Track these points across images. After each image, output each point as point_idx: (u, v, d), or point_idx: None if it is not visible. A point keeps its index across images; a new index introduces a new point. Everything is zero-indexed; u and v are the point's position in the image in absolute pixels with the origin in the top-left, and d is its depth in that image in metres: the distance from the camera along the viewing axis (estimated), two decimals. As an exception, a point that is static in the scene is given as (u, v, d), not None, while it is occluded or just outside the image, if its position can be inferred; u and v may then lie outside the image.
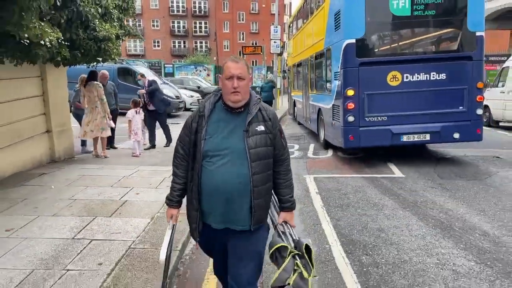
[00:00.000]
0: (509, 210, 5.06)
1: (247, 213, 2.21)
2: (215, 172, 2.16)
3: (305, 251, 2.18)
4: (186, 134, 2.31)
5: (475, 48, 7.28)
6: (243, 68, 2.18)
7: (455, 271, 3.50)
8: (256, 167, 2.17)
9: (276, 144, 2.28)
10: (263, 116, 2.26)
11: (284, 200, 2.37)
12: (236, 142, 2.17)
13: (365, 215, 4.98)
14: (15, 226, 4.17)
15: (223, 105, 2.25)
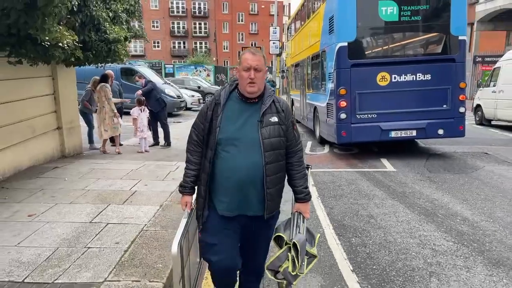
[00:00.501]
0: (490, 200, 5.48)
1: (261, 201, 2.26)
2: (228, 160, 2.21)
3: (293, 248, 2.27)
4: (201, 121, 2.34)
5: (458, 51, 7.75)
6: (260, 60, 2.23)
7: (434, 250, 3.92)
8: (269, 156, 2.22)
9: (288, 136, 2.33)
10: (277, 108, 2.30)
11: (298, 191, 2.41)
12: (250, 132, 2.22)
13: (356, 204, 5.40)
14: (36, 212, 4.58)
15: (238, 95, 2.31)
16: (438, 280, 3.32)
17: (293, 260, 2.24)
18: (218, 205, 2.29)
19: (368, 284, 3.28)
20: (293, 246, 2.26)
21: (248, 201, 2.25)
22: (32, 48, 5.08)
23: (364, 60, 7.87)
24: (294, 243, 2.25)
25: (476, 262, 3.64)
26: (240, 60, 2.28)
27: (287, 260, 2.26)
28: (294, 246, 2.25)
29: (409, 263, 3.64)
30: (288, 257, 2.26)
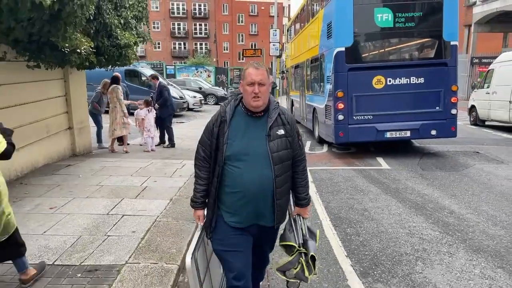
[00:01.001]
0: (477, 195, 5.88)
1: (271, 212, 2.32)
2: (238, 175, 2.24)
3: (310, 259, 2.38)
4: (208, 138, 2.36)
5: (450, 56, 8.17)
6: (263, 74, 2.26)
7: (421, 238, 4.32)
8: (279, 169, 2.26)
9: (294, 146, 2.37)
10: (282, 120, 2.33)
11: (300, 197, 2.49)
12: (259, 146, 2.24)
13: (352, 199, 5.79)
14: (56, 205, 4.97)
15: (243, 109, 2.33)
16: (423, 263, 3.72)
17: (307, 265, 2.35)
18: (229, 217, 2.33)
19: (360, 267, 3.68)
20: (311, 258, 2.36)
21: (259, 213, 2.30)
22: (50, 53, 5.48)
23: (360, 64, 8.27)
24: (313, 256, 2.36)
25: (459, 249, 4.03)
26: (244, 75, 2.29)
27: (299, 264, 2.36)
28: (312, 259, 2.37)
29: (398, 250, 4.03)
30: (301, 262, 2.35)
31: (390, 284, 3.37)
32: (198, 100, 20.23)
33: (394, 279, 3.46)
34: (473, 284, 3.33)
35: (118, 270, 3.38)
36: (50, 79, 7.28)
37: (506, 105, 12.13)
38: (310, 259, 2.35)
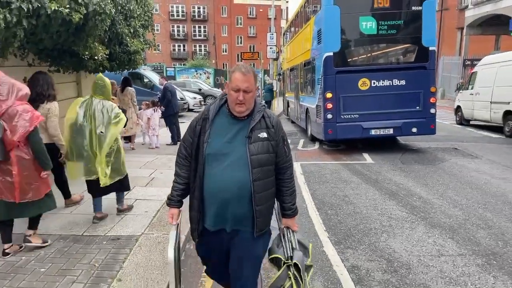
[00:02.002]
0: (446, 185, 6.65)
1: (249, 218, 2.24)
2: (214, 175, 2.19)
3: (294, 268, 2.29)
4: (190, 135, 2.33)
5: (428, 60, 8.96)
6: (250, 81, 2.20)
7: (389, 217, 5.09)
8: (257, 173, 2.18)
9: (279, 151, 2.30)
10: (266, 123, 2.27)
11: (286, 207, 2.40)
12: (238, 148, 2.19)
13: (335, 188, 6.57)
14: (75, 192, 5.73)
15: (227, 111, 2.29)
16: (387, 235, 4.50)
17: (295, 278, 2.25)
18: (204, 218, 2.31)
19: (335, 238, 4.46)
20: (294, 266, 2.28)
21: (231, 217, 2.23)
22: (70, 59, 6.24)
23: (347, 68, 9.06)
24: (296, 263, 2.27)
25: (419, 225, 4.81)
26: (231, 78, 2.24)
27: (288, 278, 2.26)
28: (295, 267, 2.28)
29: (368, 226, 4.81)
30: (289, 275, 2.26)
31: (357, 249, 4.15)
32: (198, 101, 21.01)
33: (361, 246, 4.23)
34: (425, 249, 4.11)
35: (136, 239, 4.15)
36: (66, 82, 8.03)
37: (487, 106, 12.92)
38: (294, 268, 2.27)
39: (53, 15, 4.24)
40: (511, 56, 12.30)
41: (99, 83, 4.55)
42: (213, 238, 2.32)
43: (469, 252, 4.03)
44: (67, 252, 3.82)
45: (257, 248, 2.34)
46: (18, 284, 3.24)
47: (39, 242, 3.92)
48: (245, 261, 2.33)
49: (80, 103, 4.53)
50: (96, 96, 4.54)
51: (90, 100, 4.51)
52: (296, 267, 2.27)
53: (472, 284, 3.40)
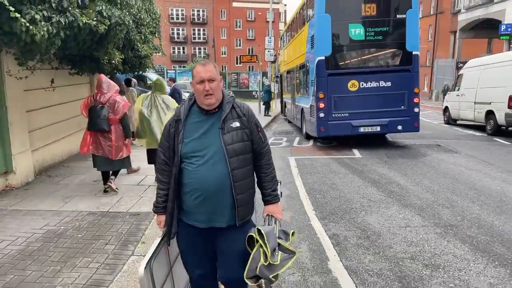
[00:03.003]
0: (424, 175, 7.45)
1: (231, 209, 2.24)
2: (194, 172, 2.19)
3: (258, 236, 2.17)
4: (166, 139, 2.33)
5: (412, 63, 9.78)
6: (212, 70, 2.22)
7: (369, 200, 5.91)
8: (235, 162, 2.20)
9: (254, 138, 2.32)
10: (237, 113, 2.29)
11: (266, 193, 2.40)
12: (213, 141, 2.21)
13: (325, 177, 7.38)
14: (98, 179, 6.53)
15: (198, 109, 2.30)
16: (365, 213, 5.31)
17: (263, 251, 2.14)
18: (189, 217, 2.29)
19: (320, 215, 5.26)
20: (258, 233, 2.18)
21: (217, 211, 2.23)
22: (89, 63, 7.06)
23: (338, 71, 9.88)
24: (259, 229, 2.19)
25: (394, 206, 5.62)
26: (192, 74, 2.26)
27: (261, 257, 2.14)
28: (259, 233, 2.17)
29: (350, 206, 5.62)
30: (260, 254, 2.15)
31: (339, 223, 4.96)
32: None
33: (342, 220, 5.05)
34: (394, 223, 4.92)
35: (153, 215, 4.95)
36: (81, 83, 8.85)
37: (472, 106, 13.77)
38: (258, 235, 2.17)
39: (83, 26, 5.05)
40: (492, 59, 13.16)
41: (158, 83, 5.94)
42: (201, 234, 2.30)
43: (431, 224, 4.85)
44: (97, 224, 4.63)
45: (243, 242, 2.27)
46: (62, 245, 4.04)
47: (115, 187, 5.73)
48: (233, 255, 2.32)
49: (144, 98, 5.88)
50: (156, 92, 5.83)
51: (152, 95, 5.81)
52: (260, 234, 2.16)
53: (429, 245, 4.21)
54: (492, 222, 4.88)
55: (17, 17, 4.09)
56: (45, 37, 4.46)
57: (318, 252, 4.12)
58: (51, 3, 4.52)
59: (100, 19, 5.28)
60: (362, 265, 3.81)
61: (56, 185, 6.22)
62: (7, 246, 3.99)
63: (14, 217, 4.79)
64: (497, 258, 3.90)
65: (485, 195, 6.02)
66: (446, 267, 3.73)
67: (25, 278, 3.37)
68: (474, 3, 29.75)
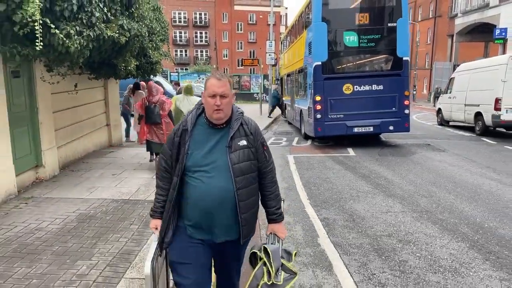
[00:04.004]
0: (410, 170, 8.19)
1: (234, 226, 2.24)
2: (199, 187, 2.18)
3: (264, 254, 2.20)
4: (169, 147, 2.31)
5: (402, 68, 10.53)
6: (226, 86, 2.20)
7: (358, 191, 6.65)
8: (240, 182, 2.19)
9: (259, 157, 2.31)
10: (245, 131, 2.28)
11: (270, 212, 2.40)
12: (219, 158, 2.19)
13: (320, 173, 8.13)
14: (115, 173, 7.29)
15: (205, 120, 2.27)
16: (353, 201, 6.05)
17: (268, 270, 2.17)
18: (189, 229, 2.27)
19: (314, 203, 6.01)
20: (264, 251, 2.22)
21: (217, 228, 2.23)
22: (107, 69, 7.82)
23: (333, 75, 10.64)
24: (265, 247, 2.22)
25: (379, 195, 6.37)
26: (206, 86, 2.24)
27: (263, 276, 2.19)
28: (265, 252, 2.21)
29: (341, 196, 6.37)
30: (263, 272, 2.19)
31: (329, 209, 5.70)
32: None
33: (332, 207, 5.79)
34: (378, 209, 5.66)
35: (168, 202, 5.70)
36: (97, 87, 9.62)
37: (462, 108, 14.51)
38: (264, 253, 2.22)
39: (107, 38, 5.81)
40: (481, 64, 13.92)
41: (189, 87, 7.75)
42: (196, 245, 2.27)
43: (409, 210, 5.60)
44: (121, 209, 5.38)
45: (242, 251, 2.39)
46: (94, 224, 4.79)
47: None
48: (232, 265, 2.43)
49: (177, 99, 7.64)
50: (187, 94, 7.59)
51: (183, 97, 7.58)
52: (265, 253, 2.21)
53: (404, 226, 4.95)
54: (463, 209, 5.63)
55: (55, 32, 4.85)
56: (78, 48, 5.21)
57: (310, 231, 4.87)
58: (82, 20, 5.27)
59: (121, 32, 6.03)
60: (346, 240, 4.56)
61: (80, 178, 6.98)
62: (48, 226, 4.74)
63: (49, 204, 5.55)
64: (460, 236, 4.64)
65: (462, 187, 6.76)
66: (416, 242, 4.48)
67: (68, 248, 4.12)
68: (470, 8, 30.51)
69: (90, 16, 5.40)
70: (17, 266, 3.70)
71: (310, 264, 3.96)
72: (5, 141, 5.57)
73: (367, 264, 3.94)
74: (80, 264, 3.76)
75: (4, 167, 5.53)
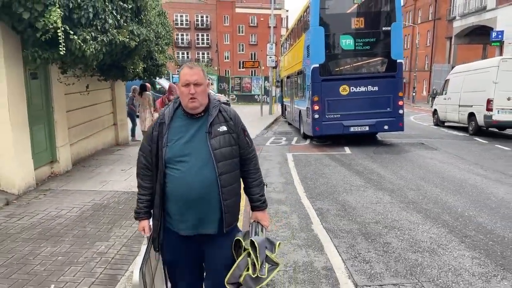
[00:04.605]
0: (402, 167, 8.64)
1: (218, 215, 2.22)
2: (181, 178, 2.15)
3: (250, 247, 2.19)
4: (148, 143, 2.28)
5: (397, 70, 11.01)
6: (199, 74, 2.18)
7: (351, 185, 7.12)
8: (222, 167, 2.17)
9: (241, 143, 2.30)
10: (224, 117, 2.27)
11: (254, 199, 2.39)
12: (199, 145, 2.17)
13: (317, 168, 8.60)
14: (124, 168, 7.77)
15: (183, 112, 2.26)
16: (346, 194, 6.52)
17: (253, 262, 2.16)
18: (175, 225, 2.25)
19: (310, 195, 6.47)
20: (251, 244, 2.20)
21: (205, 218, 2.21)
22: (115, 71, 8.31)
23: (330, 76, 11.12)
24: (252, 241, 2.20)
25: (371, 189, 6.83)
26: (179, 77, 2.23)
27: (247, 267, 2.17)
28: (252, 245, 2.19)
29: (335, 189, 6.84)
30: (248, 264, 2.18)
31: (323, 201, 6.17)
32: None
33: (326, 199, 6.27)
34: (368, 200, 6.13)
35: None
36: (105, 88, 10.11)
37: (456, 109, 14.97)
38: (252, 250, 2.18)
39: (119, 43, 6.31)
40: (474, 66, 14.39)
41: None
42: (187, 242, 2.27)
43: (397, 201, 6.07)
44: (132, 199, 5.82)
45: (228, 245, 2.31)
46: (108, 213, 5.26)
47: None
48: (219, 261, 2.32)
49: None
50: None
51: None
52: (252, 246, 2.19)
53: (391, 215, 5.42)
54: (447, 200, 6.10)
55: (74, 38, 5.34)
56: (93, 52, 5.70)
57: (305, 219, 5.34)
58: (97, 26, 5.76)
59: (131, 36, 6.52)
60: (338, 226, 5.03)
61: (91, 172, 7.47)
62: (66, 213, 5.22)
63: (65, 195, 6.03)
64: (441, 223, 5.11)
65: (448, 181, 7.23)
66: (400, 228, 4.95)
67: (87, 232, 4.60)
68: (468, 11, 30.99)
69: (104, 23, 5.90)
70: (43, 246, 4.19)
71: (303, 246, 4.43)
72: (26, 137, 6.06)
73: (354, 246, 4.41)
74: (99, 244, 4.24)
75: (24, 161, 6.02)
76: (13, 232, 4.57)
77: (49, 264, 3.77)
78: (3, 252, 4.02)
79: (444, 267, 3.85)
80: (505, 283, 3.55)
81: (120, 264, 3.79)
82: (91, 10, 5.53)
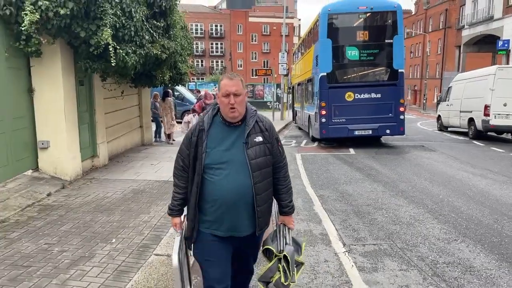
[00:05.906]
0: (400, 165, 9.62)
1: (252, 219, 2.37)
2: (218, 183, 2.28)
3: (283, 260, 2.40)
4: (187, 147, 2.40)
5: (398, 79, 12.01)
6: (238, 84, 2.29)
7: (351, 179, 8.13)
8: (257, 176, 2.31)
9: (274, 153, 2.42)
10: (260, 127, 2.38)
11: (283, 205, 2.53)
12: (237, 154, 2.30)
13: (322, 166, 9.63)
14: (153, 163, 8.92)
15: (221, 119, 2.37)
16: (346, 185, 7.54)
17: (284, 271, 2.35)
18: (210, 225, 2.37)
19: (314, 185, 7.51)
20: (283, 258, 2.38)
21: (239, 222, 2.34)
22: (145, 79, 9.51)
23: (337, 84, 12.18)
24: (285, 255, 2.37)
25: (368, 182, 7.83)
26: (219, 86, 2.33)
27: (278, 271, 2.38)
28: (285, 258, 2.38)
29: (337, 181, 7.86)
30: (279, 268, 2.36)
31: (325, 189, 7.20)
32: (219, 111, 24.38)
33: (328, 188, 7.30)
34: (364, 190, 7.14)
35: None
36: (133, 94, 11.33)
37: (458, 114, 15.84)
38: (284, 260, 2.37)
39: (153, 55, 7.48)
40: (474, 74, 15.28)
41: None
42: (218, 242, 2.39)
43: (389, 190, 7.07)
44: (164, 186, 6.97)
45: (258, 244, 2.54)
46: (146, 195, 6.39)
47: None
48: (249, 259, 2.62)
49: None
50: None
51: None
52: (285, 260, 2.37)
53: (381, 200, 6.43)
54: (432, 190, 7.07)
55: (119, 52, 6.51)
56: (133, 63, 6.88)
57: (308, 203, 6.38)
58: (136, 42, 6.94)
59: (163, 50, 7.70)
60: (335, 207, 6.07)
61: (125, 166, 8.63)
62: (112, 195, 6.36)
63: (108, 182, 7.19)
64: (422, 206, 6.10)
65: (438, 176, 8.19)
66: (387, 209, 5.96)
67: (131, 208, 5.72)
68: (476, 20, 31.72)
69: (141, 39, 7.08)
70: (99, 216, 5.32)
71: (305, 220, 5.48)
72: (75, 135, 7.26)
73: (347, 220, 5.44)
74: (143, 216, 5.36)
75: (74, 154, 7.21)
76: (73, 206, 5.72)
77: (108, 227, 4.90)
78: (71, 219, 5.16)
79: (416, 234, 4.86)
80: (462, 244, 4.55)
81: (162, 228, 4.89)
82: (132, 29, 6.72)
